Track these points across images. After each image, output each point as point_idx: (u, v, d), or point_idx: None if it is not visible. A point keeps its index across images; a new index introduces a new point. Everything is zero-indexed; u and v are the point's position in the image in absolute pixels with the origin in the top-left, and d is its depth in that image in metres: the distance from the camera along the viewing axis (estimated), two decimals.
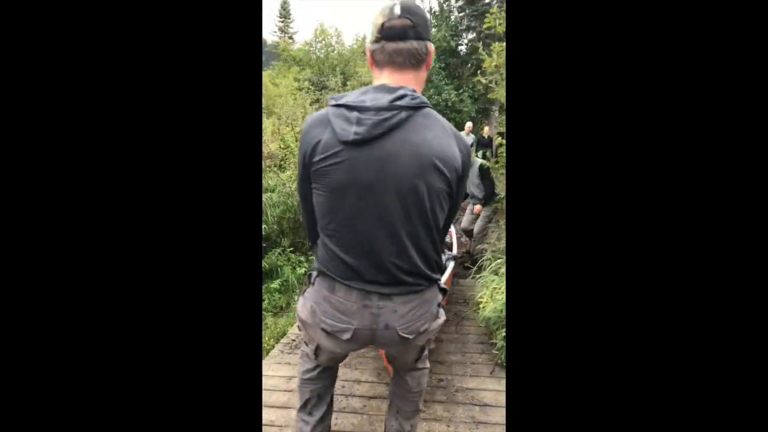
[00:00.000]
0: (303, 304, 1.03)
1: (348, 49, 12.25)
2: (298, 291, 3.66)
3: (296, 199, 4.38)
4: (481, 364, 2.05)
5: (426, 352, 1.17)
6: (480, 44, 3.06)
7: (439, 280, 0.99)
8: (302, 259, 4.11)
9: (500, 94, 3.14)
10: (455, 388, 1.84)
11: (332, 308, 0.94)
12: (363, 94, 0.85)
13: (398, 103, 0.82)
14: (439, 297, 1.01)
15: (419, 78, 0.90)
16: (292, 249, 4.15)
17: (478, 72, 3.19)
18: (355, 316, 0.92)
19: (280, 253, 4.03)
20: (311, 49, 12.05)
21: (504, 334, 1.99)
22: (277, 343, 2.37)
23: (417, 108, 0.83)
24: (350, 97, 0.85)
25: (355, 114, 0.82)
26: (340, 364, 1.25)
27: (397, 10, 0.84)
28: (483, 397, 1.77)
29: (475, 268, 2.84)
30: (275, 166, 5.15)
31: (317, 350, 1.07)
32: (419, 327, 0.96)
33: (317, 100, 8.44)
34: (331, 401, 1.23)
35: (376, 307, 0.91)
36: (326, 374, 1.17)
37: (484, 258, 2.82)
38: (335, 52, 11.80)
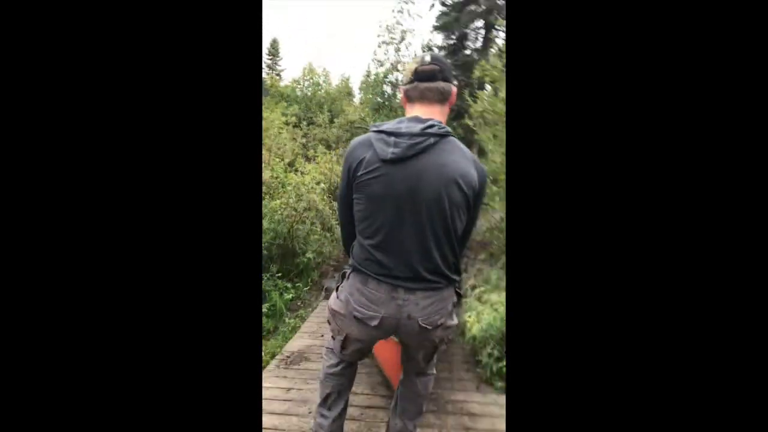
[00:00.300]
0: (336, 297, 1.19)
1: (335, 89, 12.68)
2: (286, 316, 3.74)
3: (286, 226, 4.52)
4: (467, 380, 2.19)
5: (435, 359, 1.32)
6: (466, 92, 3.40)
7: (457, 281, 1.16)
8: (289, 285, 4.20)
9: (483, 136, 3.45)
10: (445, 401, 1.97)
11: (364, 298, 1.10)
12: (399, 122, 1.06)
13: (428, 131, 1.02)
14: (455, 298, 1.17)
15: (444, 112, 1.12)
16: (280, 275, 4.24)
17: (465, 115, 3.50)
18: (384, 305, 1.08)
19: (268, 279, 4.12)
20: (298, 86, 12.44)
21: (489, 351, 2.15)
22: (272, 359, 2.45)
23: (443, 136, 1.04)
24: (388, 125, 1.07)
25: (393, 138, 1.02)
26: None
27: (428, 59, 1.08)
28: (471, 408, 1.91)
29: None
30: (266, 194, 5.29)
31: (345, 341, 1.20)
32: (437, 320, 1.11)
33: (305, 135, 8.70)
34: (347, 402, 1.35)
35: (402, 299, 1.07)
36: (348, 371, 1.30)
37: (467, 286, 3.01)
38: (323, 90, 12.23)
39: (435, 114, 1.09)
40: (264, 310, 3.67)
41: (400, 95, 1.16)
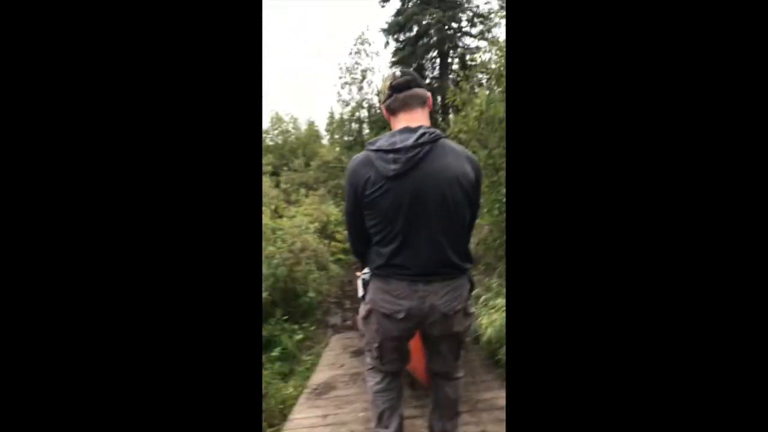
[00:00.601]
0: (363, 306, 1.32)
1: (304, 133, 12.98)
2: (298, 357, 3.76)
3: (285, 270, 4.59)
4: (491, 380, 2.30)
5: (461, 357, 1.43)
6: (438, 116, 3.68)
7: (468, 269, 1.30)
8: (296, 326, 4.23)
9: None
10: (475, 400, 2.08)
11: (388, 295, 1.23)
12: (392, 137, 1.16)
13: (420, 140, 1.13)
14: (469, 285, 1.31)
15: (425, 115, 1.24)
16: (286, 318, 4.28)
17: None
18: (407, 299, 1.21)
19: (275, 323, 4.15)
20: (267, 135, 12.71)
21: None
22: (299, 394, 2.50)
23: (435, 141, 1.16)
24: (382, 141, 1.16)
25: (391, 155, 1.13)
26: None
27: (398, 73, 1.24)
28: (501, 403, 2.02)
29: None
30: None
31: (380, 349, 1.32)
32: (455, 306, 1.25)
33: (286, 181, 8.88)
34: (402, 417, 1.44)
35: (422, 290, 1.21)
36: (394, 384, 1.40)
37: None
38: (293, 137, 12.49)
39: (420, 119, 1.20)
40: (276, 354, 3.70)
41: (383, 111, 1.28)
